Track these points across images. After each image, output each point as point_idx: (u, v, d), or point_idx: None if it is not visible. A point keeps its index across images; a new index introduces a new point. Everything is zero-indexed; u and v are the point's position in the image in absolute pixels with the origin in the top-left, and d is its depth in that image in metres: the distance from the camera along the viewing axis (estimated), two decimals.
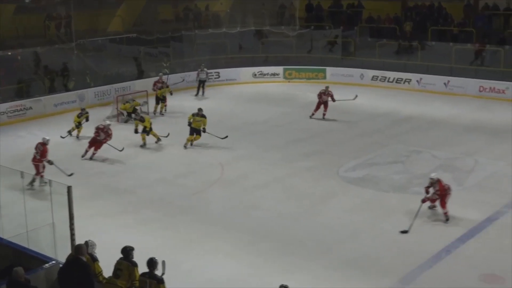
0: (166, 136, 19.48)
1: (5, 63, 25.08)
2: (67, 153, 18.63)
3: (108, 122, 18.35)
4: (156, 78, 24.78)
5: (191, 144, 19.01)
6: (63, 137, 20.11)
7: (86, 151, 18.00)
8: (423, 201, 13.35)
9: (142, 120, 19.37)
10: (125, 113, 22.41)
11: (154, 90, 23.99)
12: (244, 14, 32.22)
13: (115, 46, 31.28)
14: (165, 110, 23.63)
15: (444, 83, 26.28)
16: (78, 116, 20.46)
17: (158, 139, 19.43)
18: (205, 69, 26.56)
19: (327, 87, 22.15)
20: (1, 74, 24.51)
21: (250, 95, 26.78)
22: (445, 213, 13.40)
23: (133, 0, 32.72)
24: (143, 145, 19.23)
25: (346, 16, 33.27)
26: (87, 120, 20.45)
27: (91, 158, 17.96)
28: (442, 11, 31.23)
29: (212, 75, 28.27)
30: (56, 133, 20.93)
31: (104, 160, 18.01)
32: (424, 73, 27.04)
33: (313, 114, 22.18)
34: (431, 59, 27.87)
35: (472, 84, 25.61)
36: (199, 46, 30.87)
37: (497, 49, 26.53)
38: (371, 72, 28.23)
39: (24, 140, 20.11)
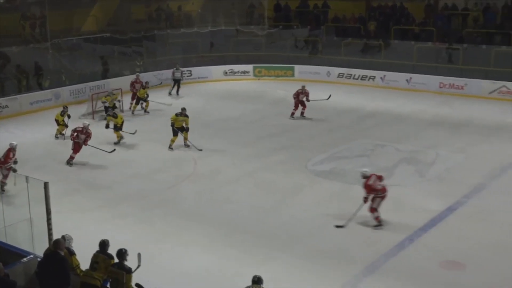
0: (133, 133, 19.21)
1: None
2: (44, 152, 18.44)
3: (86, 122, 17.68)
4: (131, 77, 24.56)
5: (187, 145, 18.37)
6: (57, 138, 19.70)
7: (72, 158, 17.01)
8: (365, 201, 12.80)
9: (115, 116, 19.14)
10: (107, 104, 21.84)
11: (131, 90, 23.69)
12: (215, 14, 32.15)
13: (90, 46, 30.93)
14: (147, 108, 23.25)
15: (407, 80, 26.56)
16: (61, 115, 19.85)
17: (119, 140, 19.09)
18: (180, 68, 26.39)
19: (303, 87, 21.91)
20: None
21: (222, 92, 26.76)
22: (376, 218, 12.73)
23: (107, 0, 32.39)
24: (117, 142, 19.06)
25: (313, 16, 33.38)
26: (68, 117, 19.90)
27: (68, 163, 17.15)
28: (404, 11, 31.47)
29: (185, 73, 28.16)
30: (33, 130, 20.74)
31: (81, 157, 17.81)
32: (387, 70, 27.26)
33: (293, 114, 21.85)
34: (394, 57, 28.12)
35: (433, 80, 25.92)
36: (171, 45, 30.75)
37: (456, 47, 26.88)
38: (337, 70, 28.37)
39: (0, 138, 19.81)
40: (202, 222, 13.23)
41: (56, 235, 9.61)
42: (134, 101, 23.44)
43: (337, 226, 12.73)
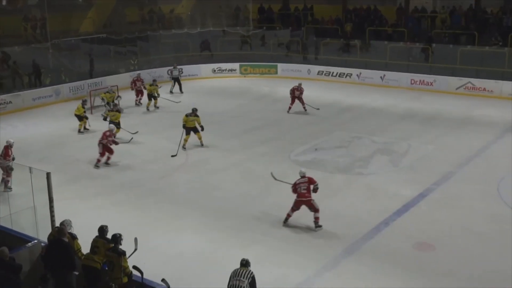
0: (134, 133, 18.73)
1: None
2: (45, 144, 18.29)
3: (112, 126, 16.60)
4: (126, 74, 24.38)
5: (202, 144, 17.74)
6: (82, 133, 19.45)
7: (99, 161, 16.07)
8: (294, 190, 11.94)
9: (120, 111, 18.74)
10: (105, 101, 21.52)
11: (133, 87, 23.45)
12: (203, 16, 32.01)
13: (87, 46, 30.63)
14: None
15: (381, 77, 26.62)
16: (83, 107, 19.60)
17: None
18: (178, 67, 26.14)
19: (299, 84, 21.69)
20: None
21: (210, 88, 26.66)
22: (316, 219, 11.94)
23: (103, 3, 32.11)
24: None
25: (294, 18, 33.33)
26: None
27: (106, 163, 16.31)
28: (377, 13, 31.56)
29: (181, 69, 28.03)
30: (35, 124, 20.55)
31: (79, 148, 17.69)
32: (363, 68, 27.29)
33: (290, 109, 21.70)
34: (369, 56, 28.19)
35: (405, 77, 26.00)
36: (163, 45, 30.57)
37: (425, 47, 26.98)
38: (317, 68, 28.36)
39: (4, 132, 19.55)
40: (193, 208, 13.19)
41: (58, 222, 9.55)
42: (139, 97, 23.33)
43: (272, 175, 12.85)
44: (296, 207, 12.01)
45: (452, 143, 17.79)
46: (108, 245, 8.88)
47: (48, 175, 9.53)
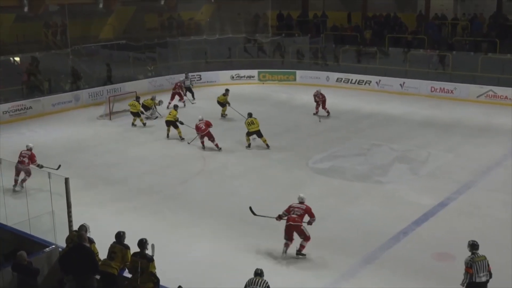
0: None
1: (6, 67, 24.67)
2: (65, 149, 18.43)
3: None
4: (145, 80, 24.50)
5: (268, 146, 18.03)
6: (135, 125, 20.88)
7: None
8: (278, 218, 11.30)
9: (175, 108, 19.73)
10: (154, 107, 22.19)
11: (175, 90, 24.29)
12: (222, 23, 32.07)
13: (107, 52, 30.88)
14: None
15: (400, 84, 26.43)
16: (139, 102, 21.02)
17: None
18: (190, 76, 26.16)
19: (317, 91, 22.11)
20: (1, 77, 24.07)
21: (229, 95, 26.62)
22: (302, 247, 11.04)
23: (122, 10, 32.34)
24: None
25: (313, 25, 33.29)
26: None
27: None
28: (397, 20, 31.37)
29: (194, 77, 28.12)
30: (54, 130, 20.71)
31: (97, 154, 17.79)
32: (382, 75, 27.14)
33: (316, 112, 22.05)
34: (388, 63, 28.03)
35: (425, 85, 25.78)
36: (182, 52, 30.70)
37: (445, 54, 26.76)
38: (335, 75, 28.26)
39: (24, 137, 19.80)
40: (211, 214, 13.17)
41: (75, 227, 9.59)
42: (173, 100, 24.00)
43: (251, 211, 11.77)
44: (287, 234, 10.98)
45: (472, 151, 17.58)
46: (125, 250, 8.89)
47: (66, 180, 9.56)
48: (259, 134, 18.05)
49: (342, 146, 18.36)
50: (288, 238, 11.03)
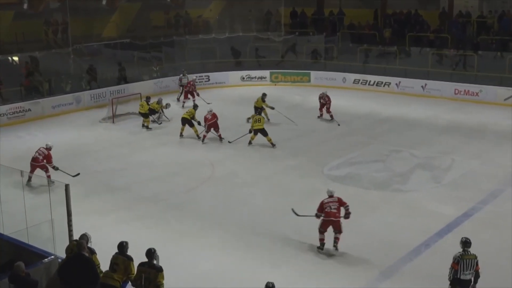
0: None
1: (5, 67, 24.85)
2: (65, 154, 18.52)
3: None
4: (150, 81, 24.62)
5: (273, 145, 18.69)
6: (150, 129, 21.12)
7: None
8: (317, 217, 11.81)
9: (195, 108, 20.42)
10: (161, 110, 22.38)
11: (185, 88, 24.89)
12: (232, 20, 32.17)
13: (110, 51, 31.05)
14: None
15: (422, 86, 26.34)
16: (148, 103, 21.37)
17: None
18: (187, 74, 26.34)
19: (323, 93, 22.11)
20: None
21: (239, 97, 26.70)
22: (319, 239, 11.82)
23: (127, 7, 32.53)
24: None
25: (328, 22, 33.28)
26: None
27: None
28: (418, 18, 31.26)
29: (203, 78, 28.19)
30: (54, 133, 20.80)
31: (99, 159, 17.86)
32: (402, 76, 27.07)
33: (321, 115, 22.22)
34: (409, 63, 27.95)
35: (448, 87, 25.66)
36: (190, 51, 30.80)
37: (470, 54, 26.64)
38: (352, 76, 28.24)
39: (23, 140, 19.97)
40: (219, 224, 13.16)
41: (76, 236, 9.62)
42: (182, 97, 24.77)
43: (293, 211, 12.51)
44: (323, 227, 11.70)
45: (499, 158, 17.46)
46: (128, 262, 8.91)
47: (66, 186, 9.60)
48: (264, 132, 18.56)
49: (360, 152, 18.30)
50: (324, 232, 11.72)
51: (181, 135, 19.84)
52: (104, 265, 9.22)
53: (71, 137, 20.39)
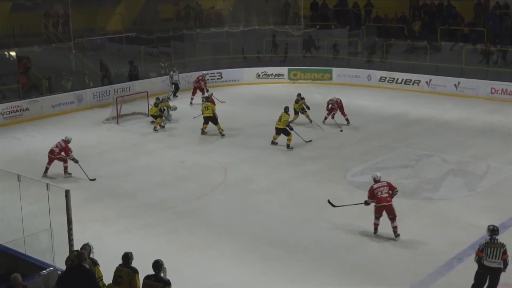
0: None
1: (1, 63, 25.08)
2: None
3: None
4: (157, 79, 24.75)
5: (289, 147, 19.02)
6: (157, 131, 21.23)
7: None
8: (366, 203, 12.93)
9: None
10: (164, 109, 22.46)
11: (195, 85, 25.38)
12: (247, 12, 32.22)
13: (115, 46, 31.30)
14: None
15: (455, 85, 26.23)
16: (156, 105, 21.59)
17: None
18: (177, 71, 26.50)
19: (332, 99, 21.82)
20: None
21: (254, 96, 26.76)
22: (374, 224, 12.89)
23: None
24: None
25: (352, 15, 33.25)
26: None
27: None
28: (451, 10, 31.20)
29: (215, 76, 28.27)
30: (54, 135, 20.91)
31: (102, 162, 17.96)
32: (434, 74, 26.99)
33: (325, 119, 21.91)
34: (440, 60, 27.85)
35: (484, 85, 25.54)
36: (200, 46, 30.89)
37: (508, 49, 26.47)
38: (378, 73, 28.20)
39: (21, 142, 20.16)
40: (231, 234, 13.19)
41: (76, 246, 9.67)
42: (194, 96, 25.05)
43: (330, 203, 13.54)
44: (377, 213, 12.74)
45: None
46: (133, 274, 8.95)
47: (67, 192, 9.67)
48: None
49: (386, 157, 18.24)
50: (379, 217, 12.72)
51: (203, 132, 20.48)
52: (107, 278, 9.26)
53: (72, 139, 20.47)
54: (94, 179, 16.39)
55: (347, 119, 21.64)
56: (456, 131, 20.96)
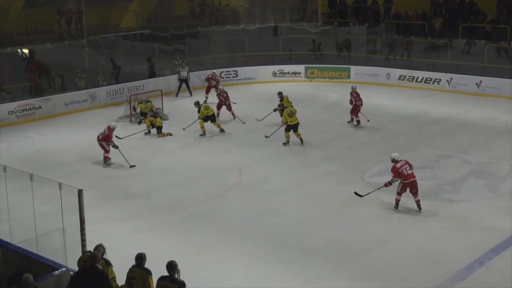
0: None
1: (13, 60, 25.28)
2: (78, 157, 18.78)
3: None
4: (171, 77, 24.81)
5: (302, 141, 19.32)
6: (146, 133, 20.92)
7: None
8: (388, 184, 14.24)
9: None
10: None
11: (208, 83, 25.33)
12: (263, 9, 32.21)
13: (128, 43, 31.44)
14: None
15: (476, 84, 26.08)
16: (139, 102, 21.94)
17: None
18: (186, 67, 26.51)
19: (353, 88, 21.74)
20: (9, 72, 24.74)
21: (270, 95, 26.67)
22: (396, 200, 14.33)
23: None
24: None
25: (371, 12, 33.16)
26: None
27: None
28: (473, 7, 31.01)
29: (230, 74, 28.33)
30: (66, 133, 21.13)
31: (115, 162, 18.07)
32: (455, 72, 26.84)
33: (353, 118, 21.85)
34: (462, 58, 27.71)
35: (507, 84, 25.36)
36: (216, 43, 30.96)
37: None
38: (398, 72, 28.10)
39: (32, 141, 20.33)
40: (245, 236, 13.23)
41: (89, 247, 9.75)
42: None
43: (356, 193, 14.58)
44: (403, 190, 14.08)
45: None
46: (146, 276, 9.00)
47: (80, 192, 9.74)
48: (296, 128, 19.20)
49: (405, 157, 18.04)
50: (403, 193, 14.11)
51: (204, 133, 20.39)
52: (120, 279, 9.33)
53: (84, 137, 20.64)
54: (134, 166, 17.43)
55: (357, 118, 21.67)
56: (477, 131, 20.85)
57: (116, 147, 17.60)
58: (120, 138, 18.99)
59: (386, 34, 31.06)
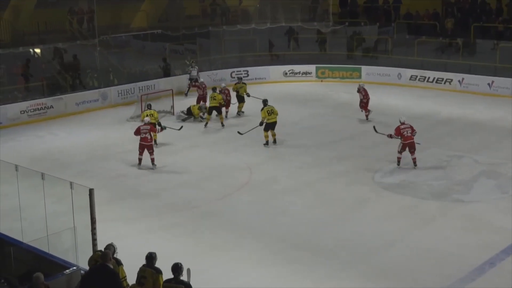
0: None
1: (25, 60, 25.41)
2: (89, 156, 18.87)
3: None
4: (182, 76, 24.89)
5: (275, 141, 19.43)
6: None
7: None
8: (390, 136, 17.00)
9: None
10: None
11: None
12: (274, 9, 32.18)
13: (139, 43, 31.51)
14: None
15: (488, 84, 25.96)
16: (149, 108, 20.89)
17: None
18: (196, 66, 26.53)
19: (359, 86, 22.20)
20: (21, 71, 24.88)
21: (281, 94, 26.71)
22: (397, 158, 16.91)
23: None
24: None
25: (382, 12, 33.10)
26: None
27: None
28: (485, 6, 30.87)
29: (241, 73, 28.35)
30: (78, 133, 21.22)
31: (125, 162, 18.15)
32: (466, 73, 26.73)
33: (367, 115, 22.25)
34: (474, 58, 27.60)
35: None
36: (227, 43, 31.01)
37: None
38: (409, 72, 28.02)
39: (43, 140, 20.43)
40: (255, 236, 13.26)
41: (100, 246, 9.80)
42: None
43: (375, 129, 18.07)
44: (403, 149, 16.69)
45: None
46: (157, 275, 9.03)
47: (91, 191, 9.79)
48: (273, 126, 19.27)
49: (416, 157, 18.12)
50: (403, 151, 16.77)
51: (206, 125, 21.10)
52: (131, 278, 9.38)
53: (95, 137, 20.76)
54: (181, 127, 19.94)
55: (366, 116, 21.89)
56: (488, 132, 20.78)
57: (164, 127, 19.05)
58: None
59: (397, 34, 30.98)
